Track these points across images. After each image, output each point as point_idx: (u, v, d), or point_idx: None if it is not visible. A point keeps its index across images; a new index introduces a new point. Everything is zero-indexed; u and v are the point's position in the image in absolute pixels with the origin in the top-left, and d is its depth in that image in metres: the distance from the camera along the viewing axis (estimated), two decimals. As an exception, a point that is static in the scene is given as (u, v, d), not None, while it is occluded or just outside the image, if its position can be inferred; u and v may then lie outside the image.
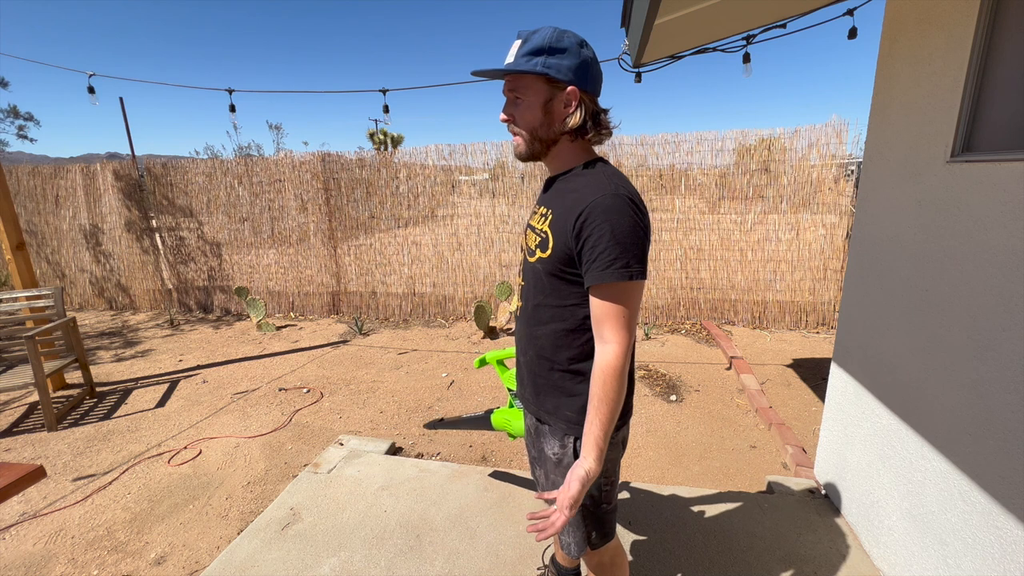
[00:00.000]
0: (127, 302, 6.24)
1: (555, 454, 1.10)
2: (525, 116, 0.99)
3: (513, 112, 1.00)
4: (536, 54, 0.94)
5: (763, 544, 1.80)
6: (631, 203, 0.91)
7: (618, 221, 0.89)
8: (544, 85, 0.96)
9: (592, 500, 1.12)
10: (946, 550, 1.36)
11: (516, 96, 0.99)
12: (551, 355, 1.06)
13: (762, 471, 2.42)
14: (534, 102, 0.97)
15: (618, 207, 0.90)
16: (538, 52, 0.94)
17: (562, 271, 0.98)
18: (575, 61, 0.94)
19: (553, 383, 1.07)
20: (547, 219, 1.00)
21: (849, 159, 4.32)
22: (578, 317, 1.01)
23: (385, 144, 23.97)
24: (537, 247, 1.02)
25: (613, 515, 1.18)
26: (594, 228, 0.89)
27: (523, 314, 1.12)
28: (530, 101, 0.97)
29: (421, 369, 3.97)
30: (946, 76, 1.42)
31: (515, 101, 0.99)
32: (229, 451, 2.74)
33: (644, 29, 1.87)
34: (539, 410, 1.13)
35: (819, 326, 4.64)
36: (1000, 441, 1.20)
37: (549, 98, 0.96)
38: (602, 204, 0.89)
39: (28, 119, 23.20)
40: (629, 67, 3.22)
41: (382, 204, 5.38)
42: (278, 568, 1.75)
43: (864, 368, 1.84)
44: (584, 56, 0.95)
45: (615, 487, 1.16)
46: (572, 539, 1.16)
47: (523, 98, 0.98)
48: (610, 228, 0.88)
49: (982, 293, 1.27)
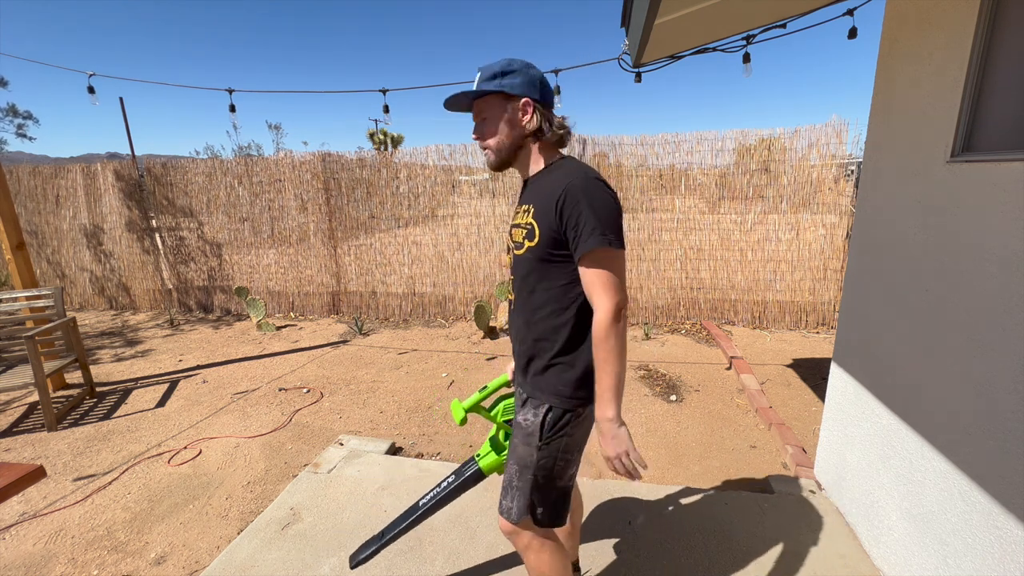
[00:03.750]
0: (127, 302, 6.24)
1: (526, 421, 1.17)
2: (491, 129, 1.16)
3: (482, 130, 1.17)
4: (492, 79, 1.12)
5: (763, 544, 1.80)
6: (602, 184, 1.06)
7: (593, 197, 1.03)
8: (502, 101, 1.13)
9: (544, 472, 1.15)
10: (946, 550, 1.36)
11: (482, 116, 1.17)
12: (550, 335, 1.14)
13: (762, 471, 2.42)
14: (496, 115, 1.14)
15: (591, 187, 1.04)
16: (493, 77, 1.12)
17: (551, 255, 1.09)
18: (524, 78, 1.12)
19: (553, 363, 1.14)
20: (530, 213, 1.13)
21: (849, 159, 4.32)
22: (570, 296, 1.11)
23: (385, 144, 23.97)
24: (524, 238, 1.13)
25: (565, 498, 1.19)
26: (574, 207, 1.02)
27: (517, 306, 1.21)
28: (493, 115, 1.15)
29: (421, 369, 3.97)
30: (946, 76, 1.42)
31: (482, 121, 1.17)
32: (229, 451, 2.74)
33: (644, 29, 1.87)
34: (534, 389, 1.18)
35: (819, 326, 4.64)
36: (1000, 441, 1.20)
37: (509, 113, 1.13)
38: (577, 185, 1.04)
39: (27, 118, 23.20)
40: (629, 67, 3.22)
41: (382, 204, 5.39)
42: (278, 568, 1.75)
43: (864, 368, 1.84)
44: (531, 74, 1.13)
45: (571, 465, 1.18)
46: (514, 504, 1.18)
47: (487, 115, 1.16)
48: (587, 204, 1.02)
49: (982, 293, 1.27)
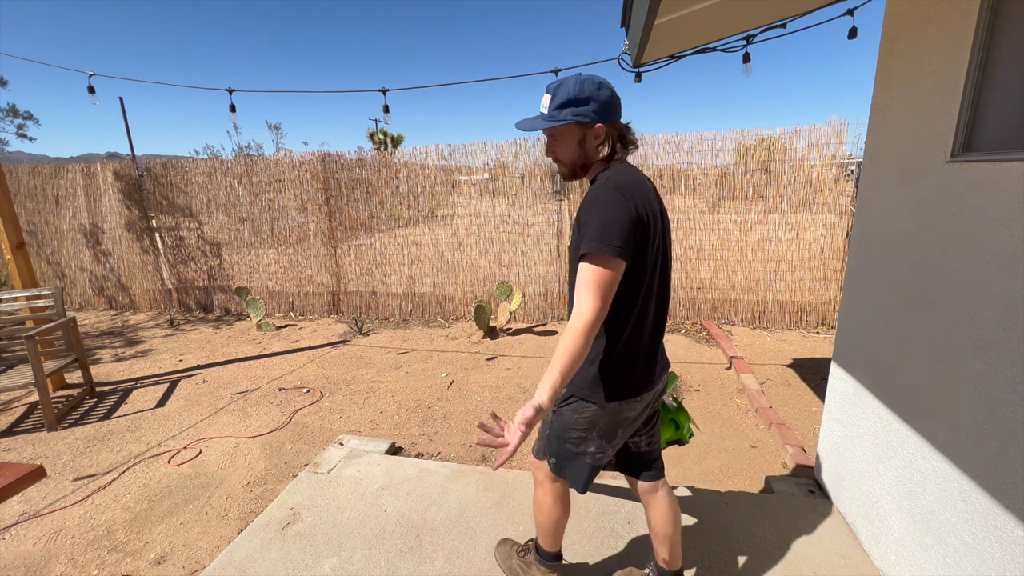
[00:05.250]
0: (127, 302, 6.24)
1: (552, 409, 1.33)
2: (565, 152, 1.22)
3: (555, 149, 1.23)
4: (564, 106, 1.16)
5: (763, 544, 1.80)
6: (614, 191, 1.10)
7: (600, 208, 1.09)
8: (576, 128, 1.18)
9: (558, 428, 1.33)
10: (946, 550, 1.36)
11: (555, 138, 1.22)
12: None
13: (762, 471, 2.42)
14: (570, 141, 1.20)
15: (600, 197, 1.10)
16: (565, 105, 1.15)
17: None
18: (597, 104, 1.15)
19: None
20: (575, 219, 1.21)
21: (849, 159, 4.32)
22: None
23: (385, 144, 23.95)
24: (571, 246, 1.21)
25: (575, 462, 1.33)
26: (587, 215, 1.11)
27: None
28: (567, 140, 1.20)
29: (421, 369, 3.97)
30: (946, 76, 1.42)
31: (555, 141, 1.22)
32: (229, 451, 2.74)
33: (644, 29, 1.87)
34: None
35: (819, 326, 4.64)
36: (1000, 441, 1.20)
37: (582, 136, 1.19)
38: (591, 196, 1.13)
39: (27, 118, 23.20)
40: (629, 67, 3.22)
41: (382, 204, 5.38)
42: (278, 568, 1.75)
43: (864, 368, 1.84)
44: (602, 97, 1.15)
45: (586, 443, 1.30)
46: (541, 443, 1.42)
47: (561, 139, 1.21)
48: (595, 211, 1.09)
49: (982, 293, 1.27)
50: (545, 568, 1.53)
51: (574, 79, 1.16)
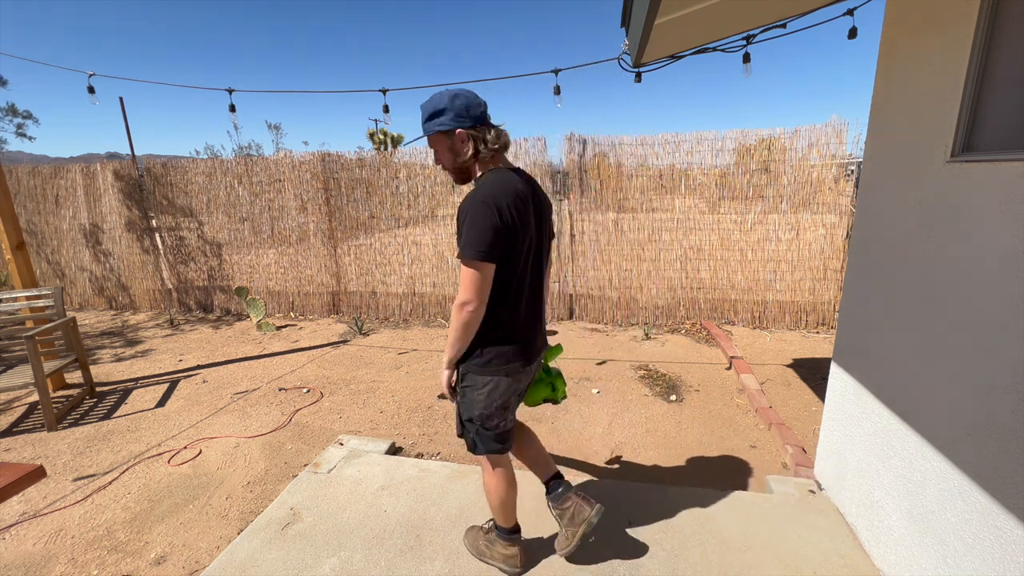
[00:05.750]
0: (127, 302, 6.24)
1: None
2: (443, 159, 1.43)
3: (438, 159, 1.44)
4: (429, 120, 1.37)
5: (763, 544, 1.80)
6: (480, 203, 1.28)
7: (469, 218, 1.28)
8: (442, 137, 1.38)
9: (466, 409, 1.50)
10: (946, 550, 1.36)
11: (434, 149, 1.43)
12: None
13: (762, 471, 2.42)
14: (442, 149, 1.40)
15: (469, 208, 1.29)
16: (430, 118, 1.36)
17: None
18: (453, 113, 1.33)
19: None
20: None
21: (849, 159, 4.32)
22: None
23: (385, 144, 23.93)
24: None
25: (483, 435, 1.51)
26: (461, 222, 1.30)
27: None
28: (440, 149, 1.41)
29: (421, 369, 3.97)
30: (946, 76, 1.42)
31: (435, 152, 1.43)
32: (229, 451, 2.74)
33: (644, 29, 1.87)
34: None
35: (819, 326, 4.64)
36: (1000, 441, 1.20)
37: (450, 144, 1.38)
38: (463, 207, 1.31)
39: (27, 117, 23.19)
40: (629, 67, 3.22)
41: (382, 204, 5.38)
42: (278, 568, 1.75)
43: (864, 368, 1.84)
44: (457, 106, 1.33)
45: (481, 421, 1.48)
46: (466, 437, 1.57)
47: (436, 149, 1.42)
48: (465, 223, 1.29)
49: (982, 293, 1.27)
50: (506, 542, 1.67)
51: (435, 95, 1.36)
